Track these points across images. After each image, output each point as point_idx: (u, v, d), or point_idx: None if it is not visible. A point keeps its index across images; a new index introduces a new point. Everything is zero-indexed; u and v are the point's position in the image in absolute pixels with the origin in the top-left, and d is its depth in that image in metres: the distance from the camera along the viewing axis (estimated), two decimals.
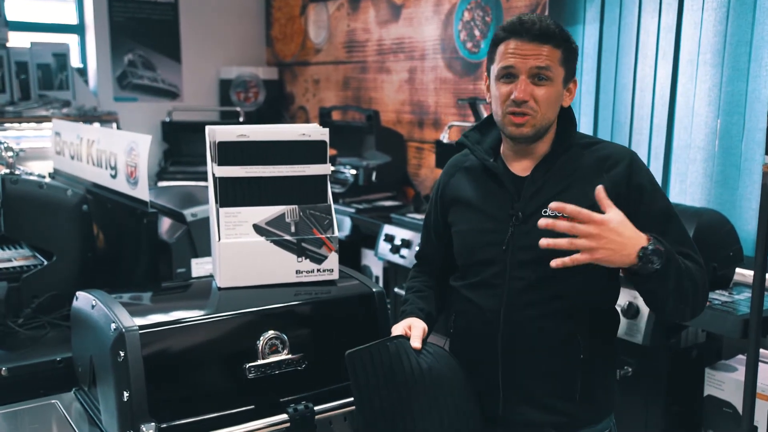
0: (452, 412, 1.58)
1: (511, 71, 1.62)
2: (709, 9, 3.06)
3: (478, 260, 1.72)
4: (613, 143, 1.73)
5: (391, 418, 1.54)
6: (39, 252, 2.35)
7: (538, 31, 1.59)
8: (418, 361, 1.58)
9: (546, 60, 1.60)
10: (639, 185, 1.62)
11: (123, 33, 5.45)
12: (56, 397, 1.75)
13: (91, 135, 2.50)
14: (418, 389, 1.55)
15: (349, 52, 5.11)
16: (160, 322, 1.50)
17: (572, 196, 1.62)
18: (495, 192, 1.71)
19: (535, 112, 1.62)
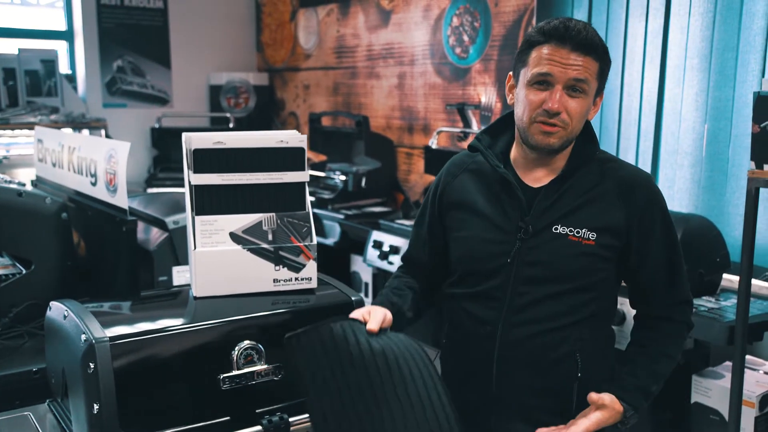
0: (415, 400, 1.43)
1: (547, 78, 1.52)
2: (696, 14, 3.05)
3: (479, 270, 1.65)
4: (630, 165, 1.68)
5: (345, 407, 1.41)
6: (17, 260, 2.33)
7: (583, 40, 1.50)
8: (370, 342, 1.45)
9: (585, 72, 1.51)
10: (652, 220, 1.61)
11: (112, 39, 5.43)
12: (30, 409, 1.72)
13: (72, 142, 2.47)
14: (371, 371, 1.42)
15: (339, 57, 5.10)
16: (132, 333, 1.47)
17: (585, 216, 1.59)
18: (504, 201, 1.64)
19: (566, 124, 1.54)
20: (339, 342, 1.45)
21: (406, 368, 1.46)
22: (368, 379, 1.43)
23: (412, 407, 1.42)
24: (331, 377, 1.43)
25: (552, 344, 1.59)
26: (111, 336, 1.43)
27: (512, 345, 1.60)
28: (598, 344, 1.66)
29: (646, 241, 1.60)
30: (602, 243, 1.58)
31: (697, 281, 2.65)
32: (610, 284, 1.64)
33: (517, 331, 1.60)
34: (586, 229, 1.58)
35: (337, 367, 1.43)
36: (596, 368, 1.64)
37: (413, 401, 1.43)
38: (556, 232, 1.58)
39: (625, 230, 1.58)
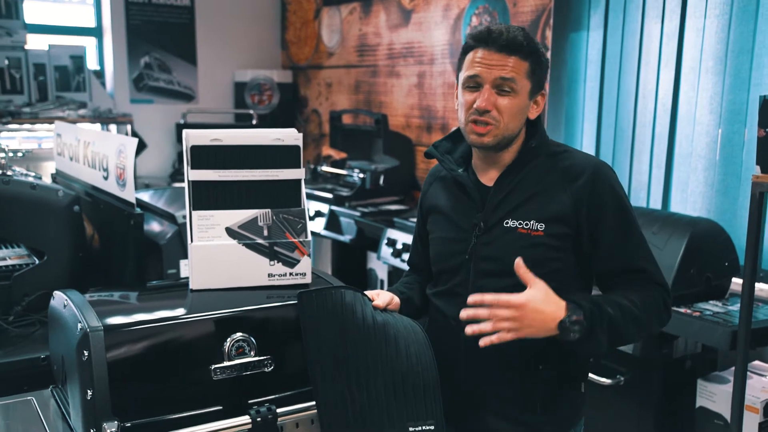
0: (406, 376, 1.56)
1: (476, 80, 1.62)
2: (712, 16, 3.03)
3: (445, 269, 1.74)
4: (580, 152, 1.71)
5: (340, 366, 1.55)
6: (31, 251, 2.40)
7: (505, 41, 1.59)
8: (374, 314, 1.60)
9: (511, 71, 1.59)
10: (599, 204, 1.61)
11: (140, 36, 5.52)
12: (34, 394, 1.78)
13: (86, 137, 2.54)
14: (369, 340, 1.56)
15: (361, 56, 5.13)
16: (126, 323, 1.53)
17: (533, 208, 1.63)
18: (463, 201, 1.73)
19: (497, 122, 1.62)
20: (347, 307, 1.59)
21: (403, 345, 1.59)
22: (365, 345, 1.56)
23: (402, 381, 1.56)
24: (333, 334, 1.56)
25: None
26: (105, 325, 1.48)
27: (476, 338, 1.64)
28: None
29: (598, 225, 1.61)
30: (551, 233, 1.61)
31: (704, 285, 2.64)
32: (571, 275, 1.65)
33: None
34: (534, 220, 1.62)
35: (339, 326, 1.57)
36: (561, 362, 1.67)
37: (403, 376, 1.56)
38: (506, 227, 1.64)
39: (574, 217, 1.61)
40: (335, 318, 1.58)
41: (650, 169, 3.34)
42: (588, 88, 3.60)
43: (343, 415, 1.54)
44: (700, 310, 2.52)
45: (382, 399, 1.54)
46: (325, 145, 5.46)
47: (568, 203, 1.61)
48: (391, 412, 1.54)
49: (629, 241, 1.62)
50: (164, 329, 1.55)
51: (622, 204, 1.64)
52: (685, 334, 2.54)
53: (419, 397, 1.56)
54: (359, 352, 1.55)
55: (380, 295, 1.69)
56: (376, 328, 1.58)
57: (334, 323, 1.57)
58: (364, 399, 1.54)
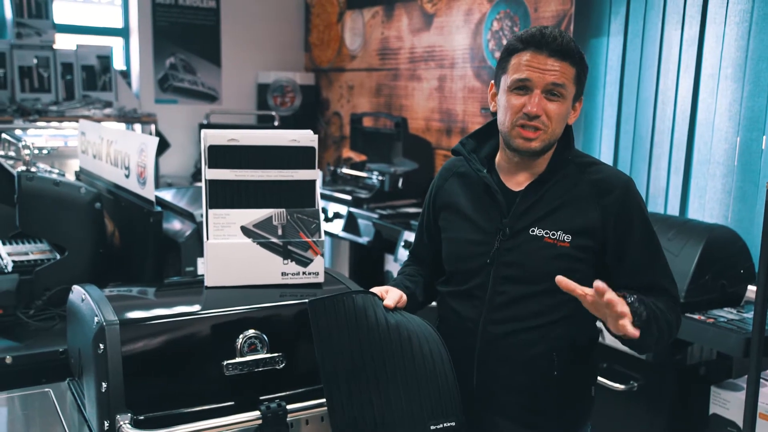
0: (422, 376, 1.55)
1: (526, 84, 1.60)
2: (732, 23, 3.02)
3: (463, 270, 1.74)
4: (610, 167, 1.71)
5: (356, 372, 1.54)
6: (53, 246, 2.45)
7: (559, 46, 1.58)
8: (386, 316, 1.58)
9: (562, 77, 1.59)
10: (628, 220, 1.62)
11: (166, 37, 5.60)
12: (52, 386, 1.83)
13: (109, 135, 2.59)
14: (384, 344, 1.55)
15: (383, 59, 5.16)
16: (141, 318, 1.56)
17: (561, 219, 1.63)
18: (486, 204, 1.71)
19: (546, 127, 1.61)
20: (358, 311, 1.58)
21: (417, 345, 1.57)
22: (381, 349, 1.55)
23: (418, 382, 1.54)
24: (347, 342, 1.55)
25: (529, 342, 1.63)
26: (121, 319, 1.52)
27: (491, 341, 1.66)
28: (578, 344, 1.68)
29: (623, 242, 1.62)
30: (577, 245, 1.61)
31: (719, 292, 2.63)
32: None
33: (495, 328, 1.66)
34: (561, 231, 1.62)
35: (354, 334, 1.56)
36: (574, 368, 1.68)
37: (420, 376, 1.55)
38: (532, 234, 1.63)
39: (600, 231, 1.61)
40: (349, 325, 1.57)
41: (668, 175, 3.33)
42: (607, 93, 3.60)
43: (362, 423, 1.53)
44: (715, 317, 2.52)
45: (401, 401, 1.53)
46: (345, 148, 5.50)
47: (596, 217, 1.61)
48: (411, 414, 1.53)
49: (654, 258, 1.64)
50: (178, 325, 1.59)
51: (647, 222, 1.65)
52: (700, 341, 2.53)
53: (437, 395, 1.56)
54: (376, 357, 1.55)
55: (389, 293, 1.68)
56: (390, 331, 1.57)
57: (348, 331, 1.56)
58: (382, 404, 1.53)
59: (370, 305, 1.60)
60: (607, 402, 2.77)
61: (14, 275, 2.21)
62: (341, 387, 1.54)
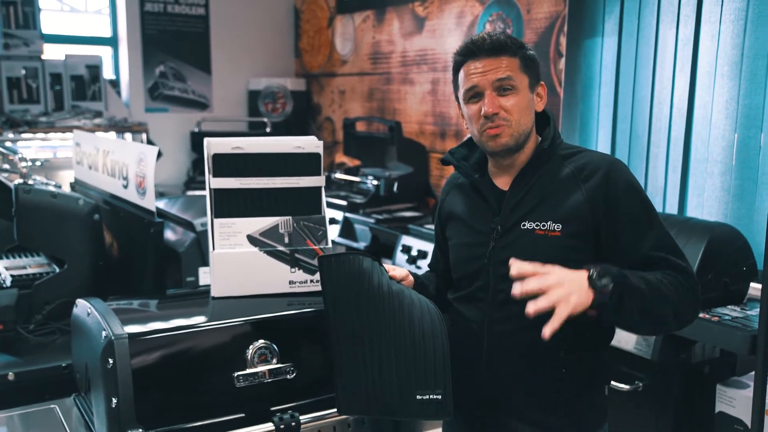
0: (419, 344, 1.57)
1: (476, 90, 1.64)
2: (727, 21, 3.02)
3: (466, 274, 1.75)
4: (594, 152, 1.70)
5: (354, 334, 1.58)
6: (52, 260, 2.42)
7: (490, 45, 1.62)
8: (389, 283, 1.61)
9: (506, 70, 1.62)
10: (615, 200, 1.61)
11: (155, 45, 5.57)
12: (57, 402, 1.79)
13: (106, 146, 2.56)
14: (383, 307, 1.58)
15: (374, 63, 5.15)
16: (150, 331, 1.54)
17: (548, 209, 1.63)
18: (480, 207, 1.74)
19: (508, 121, 1.63)
20: (364, 273, 1.61)
21: (417, 315, 1.59)
22: (381, 313, 1.58)
23: (413, 351, 1.57)
24: (349, 298, 1.59)
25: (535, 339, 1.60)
26: (130, 333, 1.50)
27: (498, 341, 1.66)
28: (585, 340, 1.66)
29: (613, 222, 1.60)
30: (568, 232, 1.61)
31: (722, 290, 2.63)
32: None
33: (500, 327, 1.66)
34: (550, 221, 1.62)
35: (356, 291, 1.60)
36: (584, 365, 1.66)
37: (415, 346, 1.57)
38: (524, 229, 1.64)
39: (590, 214, 1.60)
40: (352, 282, 1.60)
41: (666, 173, 3.33)
42: (603, 93, 3.61)
43: (357, 381, 1.57)
44: (719, 315, 2.52)
45: (393, 367, 1.56)
46: (338, 153, 5.48)
47: (582, 201, 1.61)
48: (401, 381, 1.56)
49: (648, 234, 1.61)
50: (187, 337, 1.57)
51: (639, 197, 1.63)
52: (704, 339, 2.53)
53: (429, 366, 1.57)
54: (373, 318, 1.58)
55: (396, 270, 1.73)
56: (391, 295, 1.59)
57: (351, 288, 1.60)
58: (376, 366, 1.57)
59: (375, 270, 1.62)
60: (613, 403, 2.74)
61: (13, 290, 2.18)
62: (342, 342, 1.59)
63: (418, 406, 1.56)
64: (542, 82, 1.72)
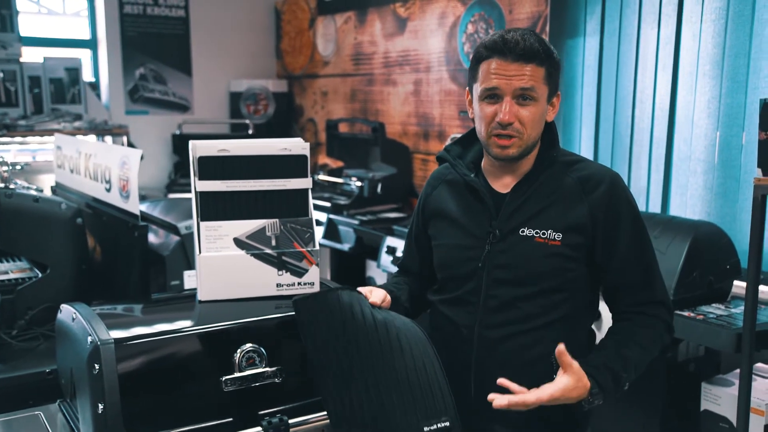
0: (412, 372, 1.53)
1: (495, 92, 1.59)
2: (708, 20, 3.05)
3: (455, 276, 1.72)
4: (595, 163, 1.71)
5: (343, 373, 1.51)
6: (34, 264, 2.39)
7: (522, 50, 1.55)
8: (373, 313, 1.56)
9: (530, 80, 1.57)
10: (616, 215, 1.61)
11: (135, 47, 5.52)
12: (41, 409, 1.77)
13: (88, 149, 2.54)
14: (372, 341, 1.52)
15: (356, 64, 5.14)
16: (136, 336, 1.52)
17: (550, 217, 1.62)
18: (475, 208, 1.70)
19: (521, 133, 1.60)
20: (344, 307, 1.55)
21: (405, 342, 1.55)
22: (369, 347, 1.52)
23: (409, 383, 1.52)
24: (335, 338, 1.53)
25: (526, 345, 1.61)
26: (116, 338, 1.48)
27: (488, 347, 1.64)
28: (576, 346, 1.66)
29: (612, 238, 1.61)
30: (568, 243, 1.61)
31: (706, 288, 2.65)
32: (583, 284, 1.65)
33: (491, 332, 1.65)
34: (551, 230, 1.61)
35: (341, 329, 1.53)
36: None
37: (411, 377, 1.52)
38: (522, 235, 1.63)
39: (590, 227, 1.61)
40: (334, 320, 1.54)
41: (649, 173, 3.35)
42: (585, 93, 3.62)
43: (356, 422, 1.50)
44: (704, 313, 2.53)
45: (393, 401, 1.50)
46: (321, 154, 5.47)
47: (585, 213, 1.60)
48: (403, 415, 1.50)
49: (642, 255, 1.63)
50: (174, 341, 1.55)
51: (636, 217, 1.64)
52: (689, 338, 2.54)
53: (430, 394, 1.53)
54: (363, 354, 1.52)
55: (373, 292, 1.65)
56: (377, 327, 1.54)
57: (333, 326, 1.54)
58: (374, 403, 1.50)
59: (356, 302, 1.58)
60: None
61: None
62: (333, 383, 1.52)
63: None
64: (558, 92, 1.68)
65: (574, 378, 1.49)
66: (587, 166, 1.67)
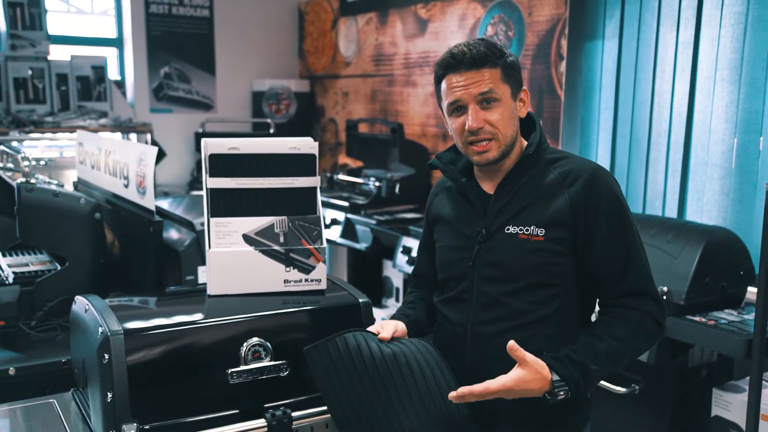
0: (427, 391, 1.57)
1: (459, 104, 1.64)
2: (727, 25, 3.03)
3: (451, 276, 1.76)
4: (579, 158, 1.72)
5: (364, 409, 1.54)
6: (54, 257, 2.45)
7: (470, 59, 1.61)
8: (380, 348, 1.60)
9: (488, 83, 1.61)
10: (595, 208, 1.62)
11: (160, 46, 5.60)
12: (56, 397, 1.82)
13: (108, 146, 2.59)
14: (385, 376, 1.56)
15: (377, 65, 5.17)
16: (145, 327, 1.56)
17: (533, 213, 1.65)
18: (466, 210, 1.75)
19: (494, 134, 1.64)
20: (352, 348, 1.59)
21: (416, 365, 1.59)
22: (381, 378, 1.56)
23: (423, 398, 1.56)
24: (348, 380, 1.56)
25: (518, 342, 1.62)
26: (126, 329, 1.52)
27: (481, 344, 1.68)
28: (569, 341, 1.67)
29: (591, 229, 1.62)
30: (551, 237, 1.62)
31: (719, 294, 2.64)
32: (571, 279, 1.66)
33: (483, 329, 1.68)
34: (534, 225, 1.64)
35: (352, 370, 1.57)
36: None
37: (425, 392, 1.57)
38: (508, 233, 1.66)
39: (571, 220, 1.62)
40: (346, 364, 1.58)
41: (666, 177, 3.34)
42: (603, 97, 3.62)
43: None
44: (716, 318, 2.53)
45: (413, 426, 1.54)
46: (341, 154, 5.50)
47: (565, 207, 1.62)
48: None
49: (621, 245, 1.63)
50: (183, 334, 1.59)
51: (619, 208, 1.64)
52: (701, 343, 2.54)
53: (451, 417, 1.57)
54: (380, 391, 1.55)
55: (384, 327, 1.69)
56: (388, 362, 1.58)
57: (346, 370, 1.57)
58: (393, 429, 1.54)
59: (362, 341, 1.61)
60: (609, 405, 2.78)
61: (15, 287, 2.20)
62: (355, 428, 1.55)
63: None
64: (524, 87, 1.71)
65: (530, 370, 1.51)
66: (569, 161, 1.69)
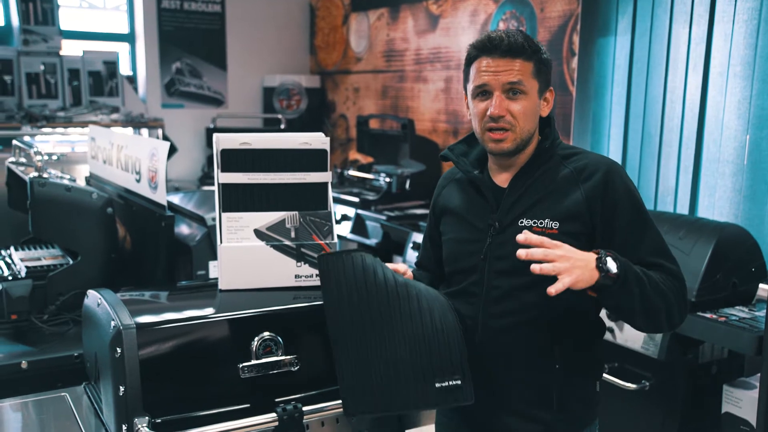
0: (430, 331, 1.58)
1: (485, 89, 1.64)
2: (740, 21, 3.02)
3: (459, 269, 1.77)
4: (593, 153, 1.72)
5: (362, 326, 1.57)
6: (66, 252, 2.46)
7: (507, 47, 1.61)
8: (394, 276, 1.62)
9: (518, 75, 1.62)
10: (613, 202, 1.62)
11: (171, 42, 5.62)
12: (68, 390, 1.83)
13: (120, 141, 2.60)
14: (391, 298, 1.58)
15: (388, 61, 5.17)
16: (157, 321, 1.57)
17: (547, 207, 1.65)
18: (478, 203, 1.75)
19: (513, 126, 1.64)
20: (368, 268, 1.62)
21: (425, 303, 1.61)
22: (388, 304, 1.58)
23: (425, 340, 1.57)
24: (355, 292, 1.58)
25: (528, 335, 1.63)
26: (138, 323, 1.53)
27: (491, 337, 1.68)
28: (580, 335, 1.68)
29: (611, 225, 1.62)
30: (565, 231, 1.63)
31: (730, 290, 2.63)
32: None
33: (494, 323, 1.68)
34: (548, 218, 1.64)
35: (362, 285, 1.59)
36: (577, 361, 1.68)
37: (427, 334, 1.58)
38: (521, 226, 1.66)
39: (587, 215, 1.62)
40: (356, 278, 1.60)
41: (677, 174, 3.33)
42: (615, 93, 3.61)
43: (367, 379, 1.55)
44: (726, 315, 2.52)
45: (406, 357, 1.55)
46: (352, 150, 5.51)
47: (581, 201, 1.63)
48: (418, 370, 1.55)
49: (643, 238, 1.63)
50: (194, 328, 1.59)
51: (635, 202, 1.65)
52: (711, 339, 2.53)
53: (446, 352, 1.58)
54: (383, 312, 1.57)
55: (397, 265, 1.74)
56: (398, 288, 1.60)
57: (355, 283, 1.59)
58: (389, 357, 1.55)
59: (378, 265, 1.63)
60: (619, 401, 2.77)
61: (28, 281, 2.22)
62: (348, 342, 1.57)
63: (437, 395, 1.56)
64: (551, 87, 1.72)
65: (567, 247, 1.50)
66: (584, 157, 1.70)
